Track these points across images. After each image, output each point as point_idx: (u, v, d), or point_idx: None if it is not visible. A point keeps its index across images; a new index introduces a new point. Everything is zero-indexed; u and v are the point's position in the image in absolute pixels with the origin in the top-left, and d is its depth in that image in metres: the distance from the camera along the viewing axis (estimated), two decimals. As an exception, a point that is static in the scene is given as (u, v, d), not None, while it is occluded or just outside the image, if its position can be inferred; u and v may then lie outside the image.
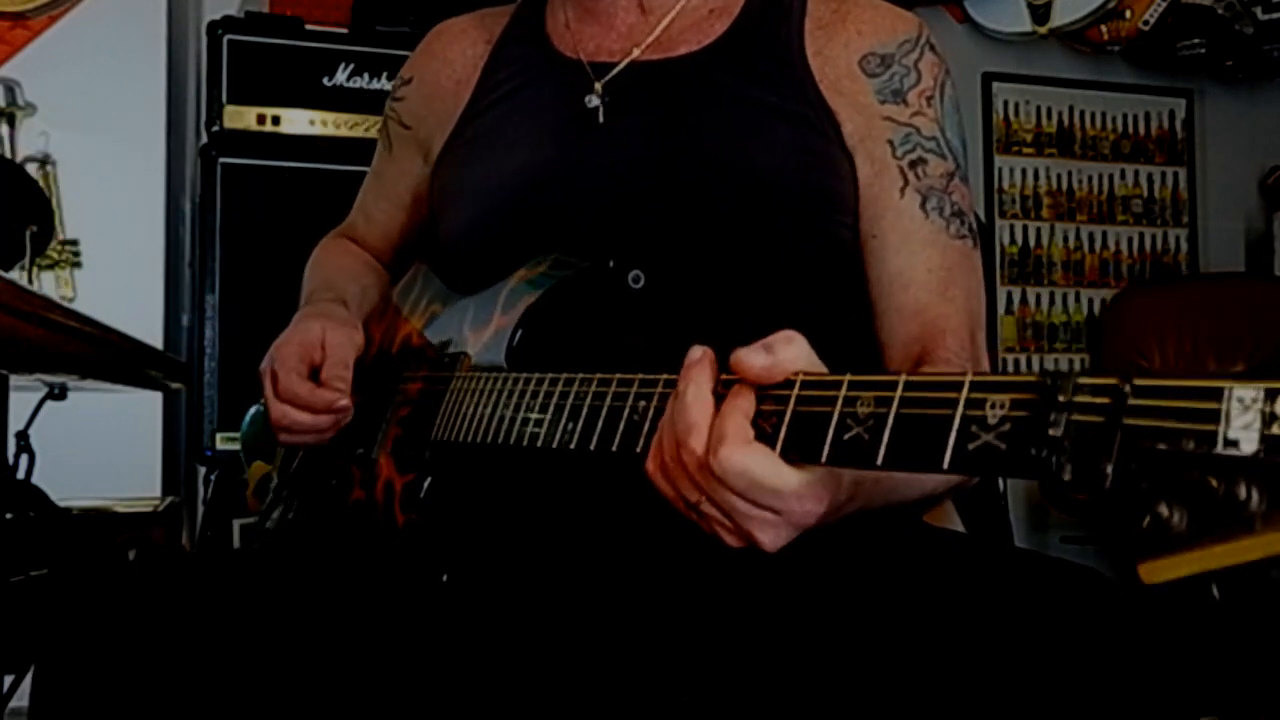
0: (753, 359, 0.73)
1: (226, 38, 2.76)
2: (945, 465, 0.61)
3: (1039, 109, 4.01)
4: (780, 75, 1.13)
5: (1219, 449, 0.50)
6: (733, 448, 0.71)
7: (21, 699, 1.15)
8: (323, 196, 2.58)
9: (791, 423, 0.71)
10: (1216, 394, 0.51)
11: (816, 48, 1.14)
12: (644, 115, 1.14)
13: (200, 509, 2.80)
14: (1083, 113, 4.05)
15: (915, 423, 0.64)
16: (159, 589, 1.00)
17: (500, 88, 1.24)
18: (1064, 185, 4.03)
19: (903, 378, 0.66)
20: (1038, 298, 3.97)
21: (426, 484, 1.03)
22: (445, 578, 0.98)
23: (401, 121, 1.35)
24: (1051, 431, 0.57)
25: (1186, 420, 0.52)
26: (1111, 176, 4.08)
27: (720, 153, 1.10)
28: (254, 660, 0.93)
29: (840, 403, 0.68)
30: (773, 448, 0.71)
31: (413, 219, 1.37)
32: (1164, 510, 0.52)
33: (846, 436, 0.66)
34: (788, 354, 0.73)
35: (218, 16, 2.84)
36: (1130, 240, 4.08)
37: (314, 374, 1.12)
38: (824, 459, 0.68)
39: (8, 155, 2.87)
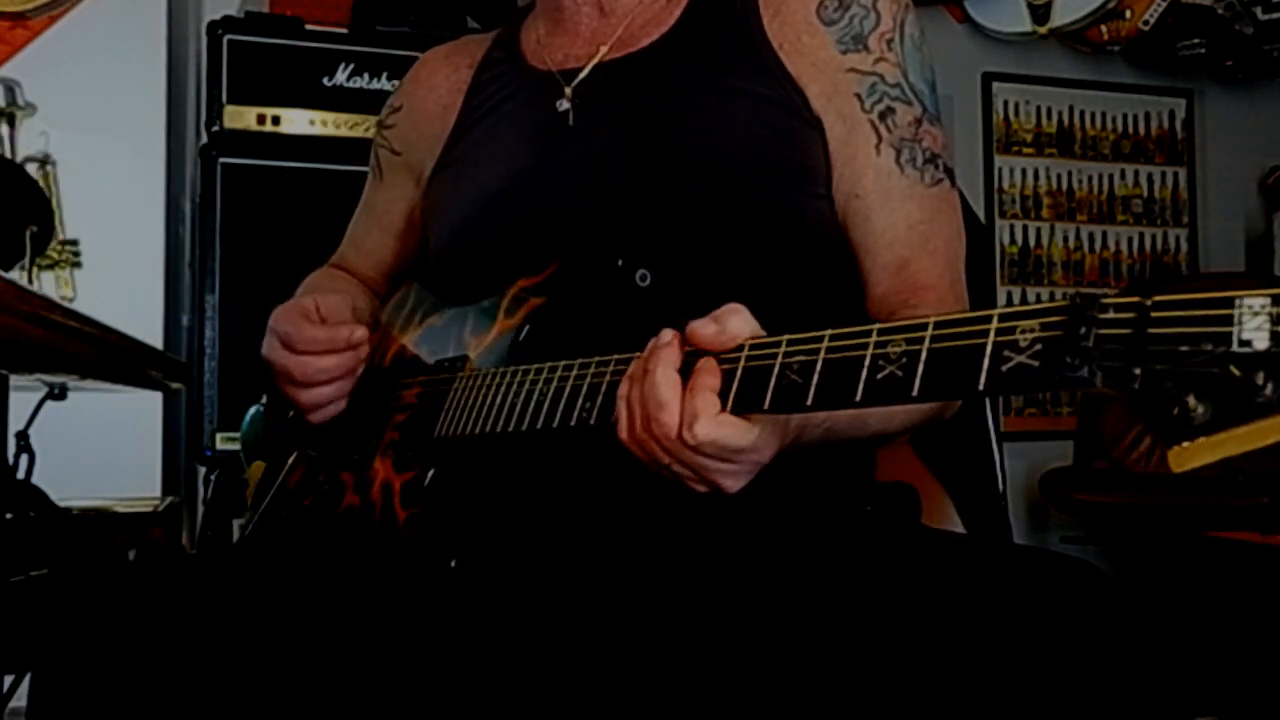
0: (703, 329, 0.83)
1: (226, 38, 2.76)
2: (981, 388, 0.67)
3: (1039, 109, 4.03)
4: (737, 52, 1.14)
5: (1234, 347, 0.58)
6: (705, 422, 0.80)
7: (21, 699, 1.14)
8: (323, 196, 2.66)
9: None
10: (1229, 303, 0.58)
11: (772, 10, 1.15)
12: (610, 113, 1.17)
13: (200, 509, 2.79)
14: (1083, 113, 4.07)
15: (948, 355, 0.69)
16: (159, 589, 1.00)
17: (482, 107, 1.28)
18: (1064, 185, 4.05)
19: (933, 319, 0.72)
20: (1038, 297, 3.97)
21: (430, 476, 1.03)
22: (453, 564, 0.99)
23: (392, 148, 1.38)
24: (1083, 344, 0.63)
25: (1204, 325, 0.59)
26: (1111, 176, 4.09)
27: (684, 141, 1.11)
28: (255, 659, 0.93)
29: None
30: (762, 406, 0.79)
31: (406, 244, 1.38)
32: (1190, 401, 0.58)
33: (880, 376, 0.72)
34: (733, 323, 0.83)
35: (218, 16, 2.84)
36: (1130, 240, 4.09)
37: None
38: (858, 397, 0.74)
39: (8, 155, 2.86)
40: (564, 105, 1.18)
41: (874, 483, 1.18)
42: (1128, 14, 3.70)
